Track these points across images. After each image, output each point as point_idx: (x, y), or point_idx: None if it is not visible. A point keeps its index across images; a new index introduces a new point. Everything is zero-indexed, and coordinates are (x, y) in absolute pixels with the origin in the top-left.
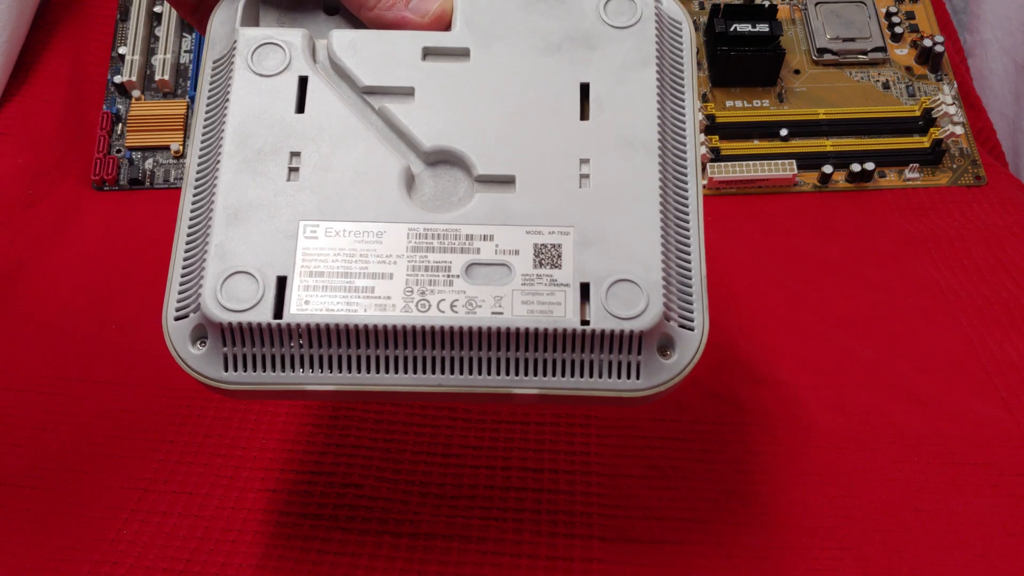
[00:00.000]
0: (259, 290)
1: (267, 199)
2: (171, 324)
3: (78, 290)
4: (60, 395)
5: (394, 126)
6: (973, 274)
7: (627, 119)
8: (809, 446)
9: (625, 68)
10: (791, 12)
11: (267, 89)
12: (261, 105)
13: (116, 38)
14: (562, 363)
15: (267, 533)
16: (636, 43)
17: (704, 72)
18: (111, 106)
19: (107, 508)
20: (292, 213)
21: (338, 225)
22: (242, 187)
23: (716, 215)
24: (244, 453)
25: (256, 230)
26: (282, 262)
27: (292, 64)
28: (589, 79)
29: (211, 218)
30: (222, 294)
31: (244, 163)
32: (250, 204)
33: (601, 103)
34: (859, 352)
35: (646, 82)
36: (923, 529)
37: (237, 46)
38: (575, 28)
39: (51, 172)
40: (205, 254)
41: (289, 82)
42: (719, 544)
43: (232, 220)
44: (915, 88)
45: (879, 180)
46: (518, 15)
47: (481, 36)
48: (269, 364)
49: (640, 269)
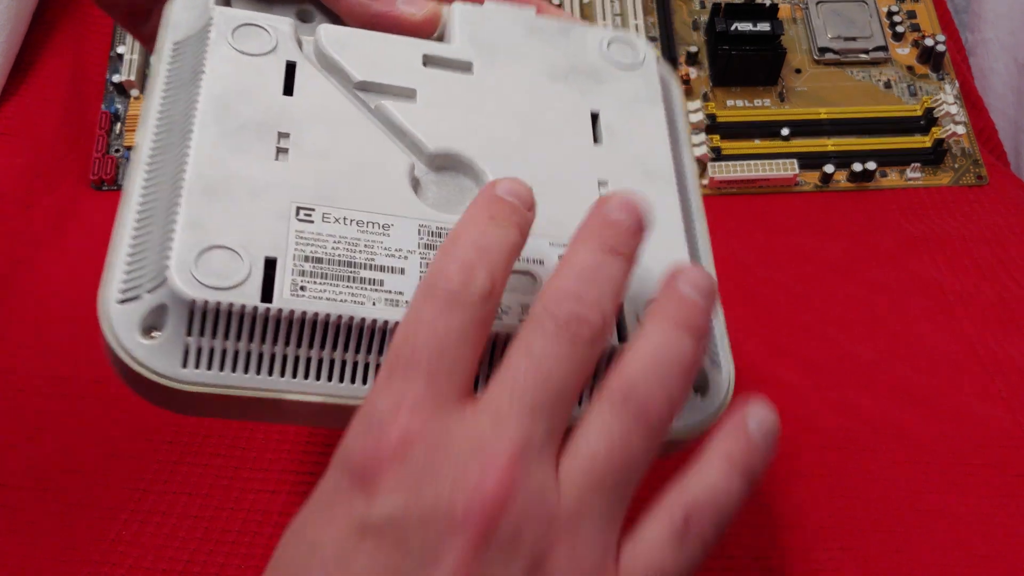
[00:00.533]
0: (244, 269)
1: (252, 176)
2: (112, 308)
3: (77, 289)
4: (59, 395)
5: (393, 125)
6: (974, 274)
7: (642, 150)
8: (809, 446)
9: (635, 103)
10: (792, 11)
11: (250, 66)
12: (242, 82)
13: (115, 37)
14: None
15: (266, 534)
16: (643, 82)
17: (705, 71)
18: (110, 105)
19: (106, 508)
20: (282, 193)
21: (339, 212)
22: (220, 161)
23: (717, 215)
24: (244, 453)
25: (239, 207)
26: (271, 243)
27: (279, 48)
28: (599, 108)
29: (179, 190)
30: (196, 268)
31: (222, 136)
32: (230, 178)
33: (613, 131)
34: (860, 352)
35: (657, 118)
36: (923, 529)
37: (214, 22)
38: (581, 61)
39: (50, 172)
40: (172, 226)
41: (275, 64)
42: (719, 544)
43: (208, 193)
44: (917, 87)
45: (880, 180)
46: (522, 39)
47: (484, 53)
48: (242, 363)
49: None
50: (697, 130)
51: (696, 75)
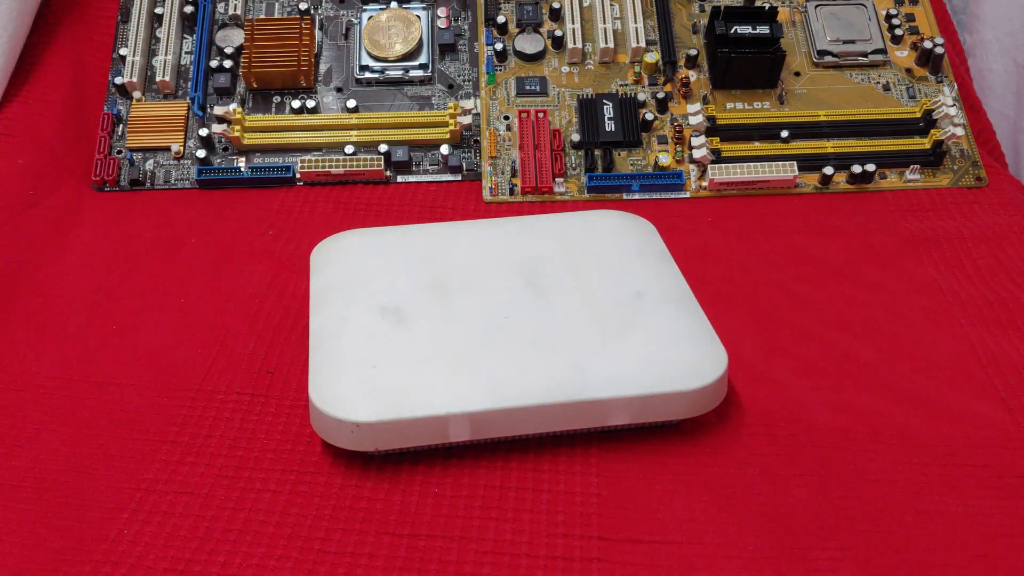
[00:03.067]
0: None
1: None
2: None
3: (79, 290)
4: (61, 395)
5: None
6: (974, 275)
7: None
8: (809, 446)
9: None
10: (791, 14)
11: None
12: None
13: (117, 39)
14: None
15: (268, 533)
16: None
17: (704, 74)
18: (112, 107)
19: (108, 508)
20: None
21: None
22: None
23: (717, 217)
24: (245, 453)
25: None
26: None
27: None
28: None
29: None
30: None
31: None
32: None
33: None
34: (859, 353)
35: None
36: (923, 530)
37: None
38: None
39: (52, 173)
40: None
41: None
42: (719, 544)
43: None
44: (915, 90)
45: (880, 182)
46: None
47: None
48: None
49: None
50: (697, 132)
51: (696, 78)
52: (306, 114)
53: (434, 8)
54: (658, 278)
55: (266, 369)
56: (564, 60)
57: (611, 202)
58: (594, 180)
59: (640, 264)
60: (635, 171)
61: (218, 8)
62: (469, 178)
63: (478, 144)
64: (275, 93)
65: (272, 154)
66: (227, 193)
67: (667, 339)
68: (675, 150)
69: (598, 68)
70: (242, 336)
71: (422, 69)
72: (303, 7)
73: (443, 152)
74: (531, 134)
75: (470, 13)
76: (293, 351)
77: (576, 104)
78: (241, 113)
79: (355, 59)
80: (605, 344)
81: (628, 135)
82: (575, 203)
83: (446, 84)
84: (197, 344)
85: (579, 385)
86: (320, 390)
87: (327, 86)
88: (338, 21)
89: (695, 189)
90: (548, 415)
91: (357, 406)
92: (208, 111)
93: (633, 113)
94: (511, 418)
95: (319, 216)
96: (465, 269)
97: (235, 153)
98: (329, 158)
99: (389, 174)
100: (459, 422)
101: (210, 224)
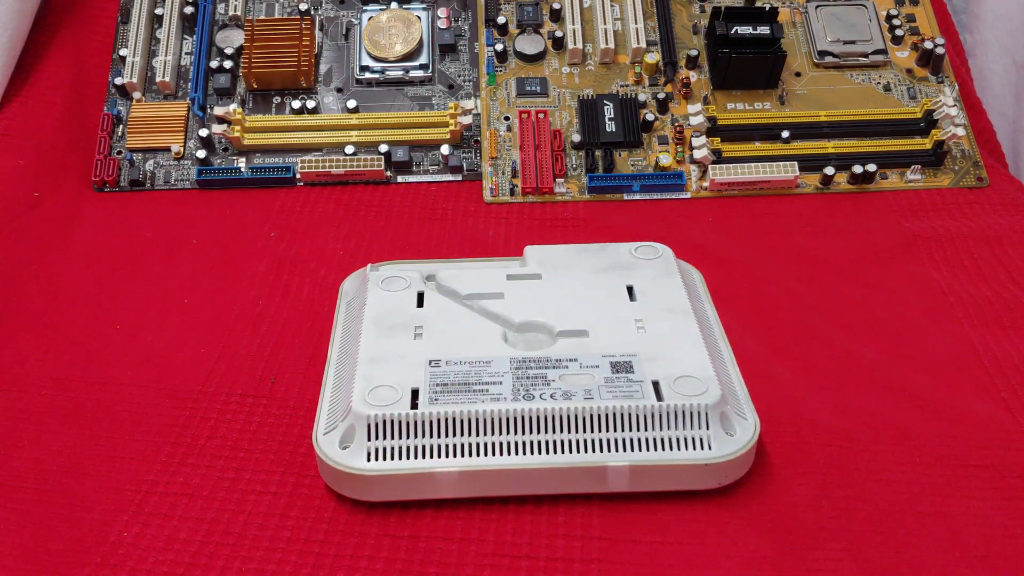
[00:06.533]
0: (398, 395)
1: (399, 350)
2: (321, 438)
3: (79, 291)
4: (61, 396)
5: (490, 312)
6: (974, 275)
7: (665, 299)
8: (809, 446)
9: (657, 276)
10: (792, 15)
11: (394, 298)
12: (389, 306)
13: (117, 40)
14: (646, 441)
15: (268, 536)
16: (663, 265)
17: (705, 75)
18: (112, 108)
19: (108, 510)
20: (420, 355)
21: (456, 359)
22: (377, 345)
23: (718, 217)
24: (246, 455)
25: (393, 366)
26: (414, 381)
27: (412, 286)
28: (632, 282)
29: (355, 364)
30: (369, 397)
31: (378, 334)
32: (386, 354)
33: (643, 293)
34: (860, 353)
35: (675, 282)
36: (924, 530)
37: (369, 277)
38: (617, 261)
39: (52, 173)
40: (352, 384)
41: (410, 294)
42: (719, 544)
43: (374, 361)
44: (916, 90)
45: (881, 182)
46: (574, 257)
47: (548, 268)
48: (404, 453)
49: (696, 370)
50: (698, 133)
51: (696, 78)
52: (306, 114)
53: (434, 8)
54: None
55: (268, 375)
56: (564, 61)
57: (612, 202)
58: (595, 180)
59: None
60: (636, 171)
61: (218, 9)
62: (469, 178)
63: (478, 144)
64: (275, 93)
65: (272, 154)
66: (227, 193)
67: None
68: (676, 150)
69: (599, 69)
70: (244, 338)
71: (422, 69)
72: (303, 8)
73: (443, 152)
74: (532, 134)
75: (470, 14)
76: (295, 354)
77: (576, 104)
78: (241, 113)
79: (355, 59)
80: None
81: (629, 135)
82: (575, 203)
83: (446, 84)
84: (199, 345)
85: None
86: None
87: (327, 86)
88: (338, 21)
89: (696, 189)
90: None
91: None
92: (208, 112)
93: (634, 113)
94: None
95: (319, 216)
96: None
97: (235, 153)
98: (329, 158)
99: (389, 174)
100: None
101: (210, 225)
